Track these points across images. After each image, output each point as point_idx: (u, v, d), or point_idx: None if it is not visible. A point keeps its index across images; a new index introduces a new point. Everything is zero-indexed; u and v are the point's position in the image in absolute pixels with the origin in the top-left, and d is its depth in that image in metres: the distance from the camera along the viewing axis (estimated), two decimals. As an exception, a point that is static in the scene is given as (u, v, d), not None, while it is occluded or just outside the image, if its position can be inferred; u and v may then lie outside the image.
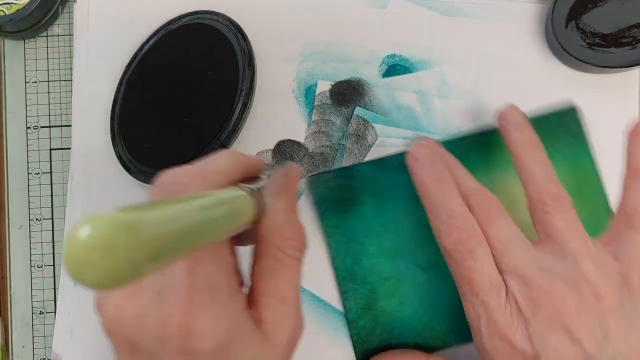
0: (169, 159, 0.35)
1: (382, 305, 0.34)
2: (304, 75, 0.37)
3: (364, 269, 0.35)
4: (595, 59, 0.34)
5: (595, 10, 0.34)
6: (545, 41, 0.36)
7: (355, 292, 0.35)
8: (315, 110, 0.36)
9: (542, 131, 0.30)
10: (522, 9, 0.36)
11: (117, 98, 0.37)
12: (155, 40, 0.36)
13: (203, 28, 0.35)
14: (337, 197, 0.35)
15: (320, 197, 0.35)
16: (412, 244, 0.35)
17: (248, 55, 0.35)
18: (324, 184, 0.35)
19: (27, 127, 0.38)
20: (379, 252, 0.35)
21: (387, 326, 0.34)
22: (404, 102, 0.36)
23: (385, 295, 0.34)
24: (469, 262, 0.28)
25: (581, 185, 0.34)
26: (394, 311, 0.34)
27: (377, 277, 0.35)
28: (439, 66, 0.36)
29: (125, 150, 0.36)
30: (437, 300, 0.34)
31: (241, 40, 0.35)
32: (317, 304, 0.36)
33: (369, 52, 0.36)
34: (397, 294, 0.34)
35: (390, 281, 0.34)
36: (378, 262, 0.35)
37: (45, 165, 0.38)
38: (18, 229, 0.38)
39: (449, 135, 0.35)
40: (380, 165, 0.35)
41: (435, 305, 0.34)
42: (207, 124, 0.34)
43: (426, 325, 0.34)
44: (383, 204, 0.35)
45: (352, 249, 0.35)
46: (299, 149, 0.36)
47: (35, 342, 0.37)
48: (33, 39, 0.38)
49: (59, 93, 0.38)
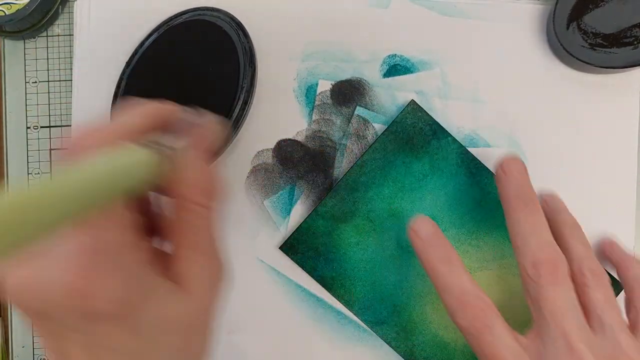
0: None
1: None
2: (305, 75, 0.36)
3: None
4: (597, 60, 0.34)
5: (596, 10, 0.34)
6: (547, 42, 0.36)
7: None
8: (316, 109, 0.36)
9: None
10: (524, 9, 0.36)
11: (117, 93, 0.36)
12: (156, 36, 0.36)
13: (204, 25, 0.35)
14: (414, 138, 0.35)
15: (403, 122, 0.35)
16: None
17: (249, 52, 0.34)
18: (416, 117, 0.35)
19: (27, 127, 0.38)
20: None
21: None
22: (405, 102, 0.36)
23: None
24: (488, 338, 0.27)
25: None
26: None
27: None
28: (439, 66, 0.36)
29: None
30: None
31: (242, 37, 0.35)
32: (317, 303, 0.36)
33: (370, 52, 0.36)
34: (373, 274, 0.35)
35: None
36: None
37: (46, 165, 0.38)
38: (18, 229, 0.38)
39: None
40: (467, 162, 0.35)
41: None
42: None
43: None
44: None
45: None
46: (299, 149, 0.36)
47: (35, 342, 0.37)
48: (33, 39, 0.38)
49: (59, 93, 0.38)
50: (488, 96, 0.36)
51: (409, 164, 0.35)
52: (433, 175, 0.35)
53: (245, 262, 0.36)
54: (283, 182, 0.36)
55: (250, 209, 0.36)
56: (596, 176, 0.35)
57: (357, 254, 0.35)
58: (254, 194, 0.36)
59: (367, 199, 0.35)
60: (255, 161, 0.36)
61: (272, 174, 0.36)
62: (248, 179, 0.36)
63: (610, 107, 0.35)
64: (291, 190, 0.36)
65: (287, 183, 0.36)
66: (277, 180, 0.36)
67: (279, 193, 0.36)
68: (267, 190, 0.36)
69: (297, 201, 0.36)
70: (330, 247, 0.35)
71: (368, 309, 0.35)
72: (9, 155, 0.38)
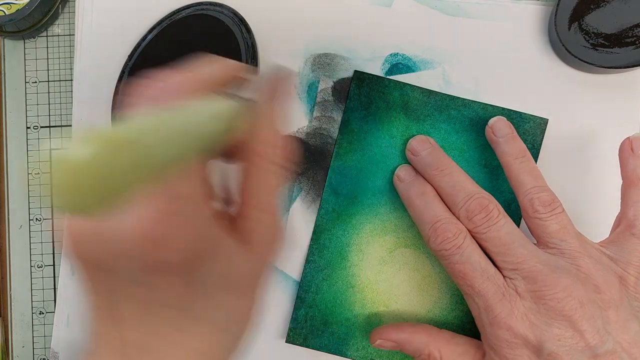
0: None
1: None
2: (307, 72, 0.36)
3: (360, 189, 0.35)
4: (599, 60, 0.34)
5: (598, 10, 0.34)
6: (548, 42, 0.36)
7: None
8: (317, 106, 0.36)
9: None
10: (525, 9, 0.36)
11: (118, 86, 0.36)
12: (159, 31, 0.36)
13: (207, 19, 0.35)
14: (373, 102, 0.35)
15: (357, 93, 0.35)
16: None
17: (251, 48, 0.34)
18: (367, 84, 0.35)
19: (27, 127, 0.38)
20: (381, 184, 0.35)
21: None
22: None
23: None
24: (457, 257, 0.29)
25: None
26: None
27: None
28: (441, 66, 0.36)
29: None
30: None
31: (245, 33, 0.35)
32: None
33: (372, 50, 0.36)
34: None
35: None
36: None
37: (46, 165, 0.38)
38: (18, 229, 0.38)
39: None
40: (433, 99, 0.35)
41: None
42: None
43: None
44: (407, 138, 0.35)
45: (356, 160, 0.35)
46: (299, 145, 0.36)
47: (35, 342, 0.37)
48: (33, 39, 0.38)
49: (59, 93, 0.38)
50: (489, 95, 0.36)
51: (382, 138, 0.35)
52: (413, 132, 0.35)
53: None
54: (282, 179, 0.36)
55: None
56: (597, 176, 0.35)
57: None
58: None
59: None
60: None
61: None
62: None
63: (612, 107, 0.35)
64: (291, 187, 0.36)
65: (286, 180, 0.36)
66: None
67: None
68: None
69: (297, 198, 0.36)
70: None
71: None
72: (9, 155, 0.38)
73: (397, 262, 0.35)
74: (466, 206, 0.30)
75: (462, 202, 0.30)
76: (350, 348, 0.34)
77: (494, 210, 0.30)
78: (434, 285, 0.35)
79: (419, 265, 0.35)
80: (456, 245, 0.29)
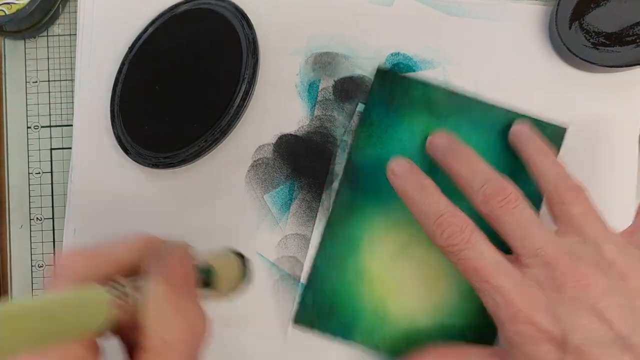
0: (167, 142, 0.35)
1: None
2: (308, 70, 0.36)
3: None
4: (600, 59, 0.34)
5: (598, 9, 0.34)
6: (549, 41, 0.36)
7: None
8: (318, 105, 0.36)
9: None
10: (526, 9, 0.36)
11: (118, 79, 0.36)
12: (160, 23, 0.36)
13: (208, 13, 0.35)
14: (395, 98, 0.35)
15: (379, 89, 0.35)
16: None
17: (252, 43, 0.34)
18: (390, 81, 0.35)
19: (28, 127, 0.38)
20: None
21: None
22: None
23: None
24: (467, 252, 0.28)
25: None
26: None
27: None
28: (442, 66, 0.36)
29: (124, 131, 0.36)
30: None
31: (246, 27, 0.35)
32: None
33: (373, 50, 0.36)
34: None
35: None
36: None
37: (46, 165, 0.38)
38: (18, 229, 0.37)
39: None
40: (456, 99, 0.35)
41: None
42: (207, 109, 0.34)
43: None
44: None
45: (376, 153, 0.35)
46: (300, 144, 0.36)
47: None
48: (33, 38, 0.38)
49: (59, 93, 0.38)
50: (490, 95, 0.36)
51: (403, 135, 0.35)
52: (434, 130, 0.35)
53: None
54: (283, 177, 0.36)
55: (251, 204, 0.36)
56: (598, 175, 0.35)
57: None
58: (254, 188, 0.36)
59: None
60: (256, 155, 0.36)
61: (272, 169, 0.36)
62: (248, 174, 0.36)
63: (613, 106, 0.35)
64: (291, 185, 0.36)
65: (287, 178, 0.36)
66: (277, 175, 0.36)
67: (279, 188, 0.36)
68: (267, 185, 0.36)
69: (298, 196, 0.36)
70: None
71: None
72: (9, 155, 0.38)
73: (409, 259, 0.35)
74: (483, 189, 0.29)
75: (479, 184, 0.29)
76: (355, 334, 0.34)
77: (513, 193, 0.28)
78: (445, 284, 0.34)
79: (430, 263, 0.34)
80: (464, 240, 0.28)
